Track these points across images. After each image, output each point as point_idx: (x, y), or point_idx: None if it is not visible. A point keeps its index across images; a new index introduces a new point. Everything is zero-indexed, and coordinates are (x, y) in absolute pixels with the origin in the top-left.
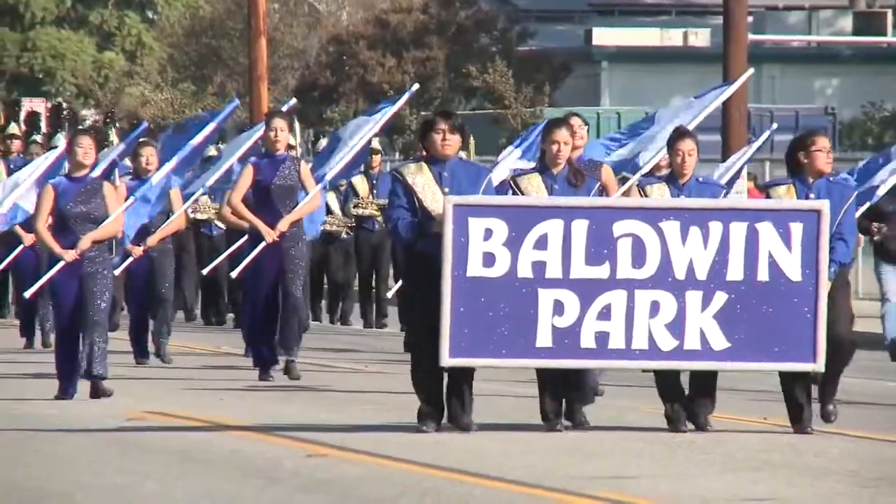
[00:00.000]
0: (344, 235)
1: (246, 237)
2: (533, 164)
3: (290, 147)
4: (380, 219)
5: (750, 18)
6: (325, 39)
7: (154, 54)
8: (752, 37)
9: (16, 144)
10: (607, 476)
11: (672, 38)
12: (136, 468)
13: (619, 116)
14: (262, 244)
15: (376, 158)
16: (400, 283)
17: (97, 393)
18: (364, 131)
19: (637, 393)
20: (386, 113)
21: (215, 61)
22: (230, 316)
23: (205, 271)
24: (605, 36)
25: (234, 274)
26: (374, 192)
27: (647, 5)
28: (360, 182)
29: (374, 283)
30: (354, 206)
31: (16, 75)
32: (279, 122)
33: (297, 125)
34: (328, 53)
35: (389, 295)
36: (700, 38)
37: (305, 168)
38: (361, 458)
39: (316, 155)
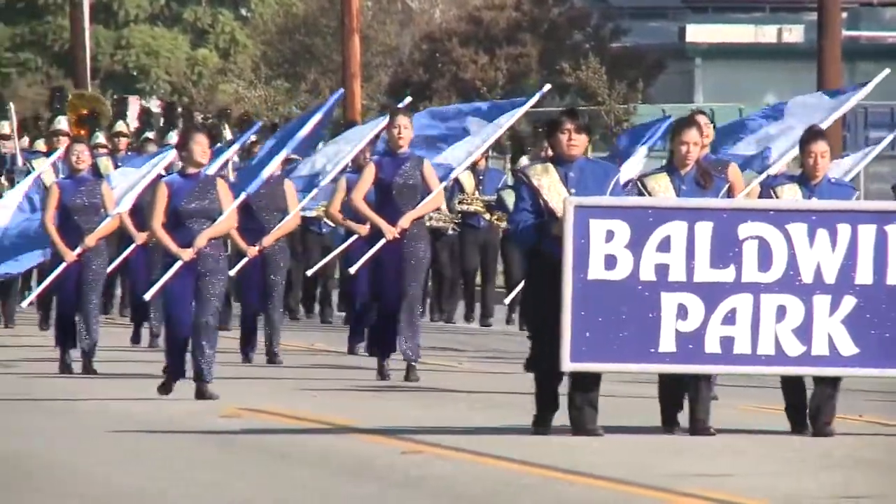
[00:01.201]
0: (450, 232)
1: (356, 236)
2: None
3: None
4: (486, 216)
5: (844, 14)
6: (418, 37)
7: (247, 52)
8: (846, 33)
9: (122, 142)
10: (702, 474)
11: (766, 34)
12: (230, 466)
13: (712, 113)
14: (382, 241)
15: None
16: (517, 289)
17: (203, 395)
18: (491, 131)
19: (730, 392)
20: (515, 113)
21: (308, 59)
22: (331, 314)
23: (310, 272)
24: (699, 32)
25: (352, 270)
26: (480, 188)
27: (741, 1)
28: (466, 178)
29: (479, 280)
30: (459, 202)
31: (110, 73)
32: (403, 120)
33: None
34: (421, 51)
35: (507, 301)
36: (794, 34)
37: (428, 166)
38: (456, 456)
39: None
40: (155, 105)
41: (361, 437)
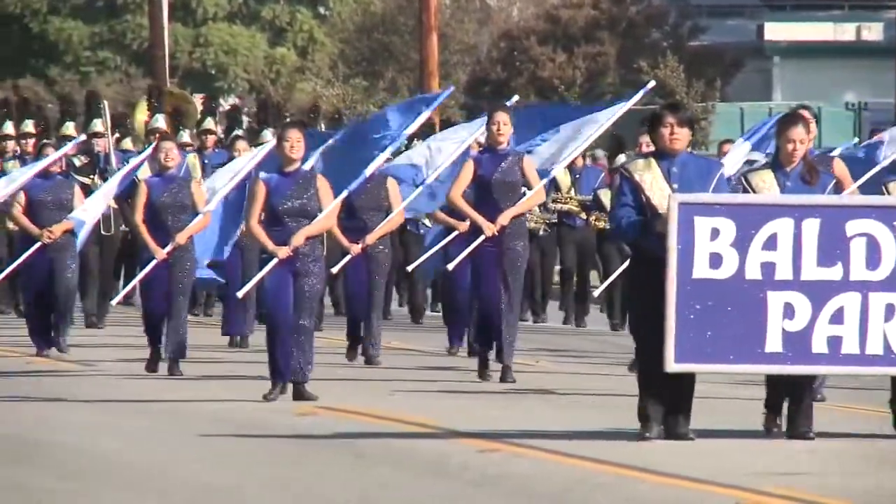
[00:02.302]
0: (541, 232)
1: (454, 234)
2: (763, 158)
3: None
4: (582, 215)
5: None
6: (496, 35)
7: (325, 50)
8: None
9: (210, 139)
10: (778, 472)
11: (845, 32)
12: (307, 464)
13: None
14: (481, 238)
15: None
16: (605, 283)
17: (301, 396)
18: (592, 129)
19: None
20: (617, 111)
21: (386, 57)
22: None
23: (410, 268)
24: (778, 30)
25: (450, 266)
26: (576, 186)
27: None
28: (562, 177)
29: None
30: (554, 201)
31: (188, 71)
32: (502, 116)
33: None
34: (499, 49)
35: (596, 294)
36: (873, 31)
37: (529, 162)
38: (532, 454)
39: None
40: (232, 103)
41: (439, 434)
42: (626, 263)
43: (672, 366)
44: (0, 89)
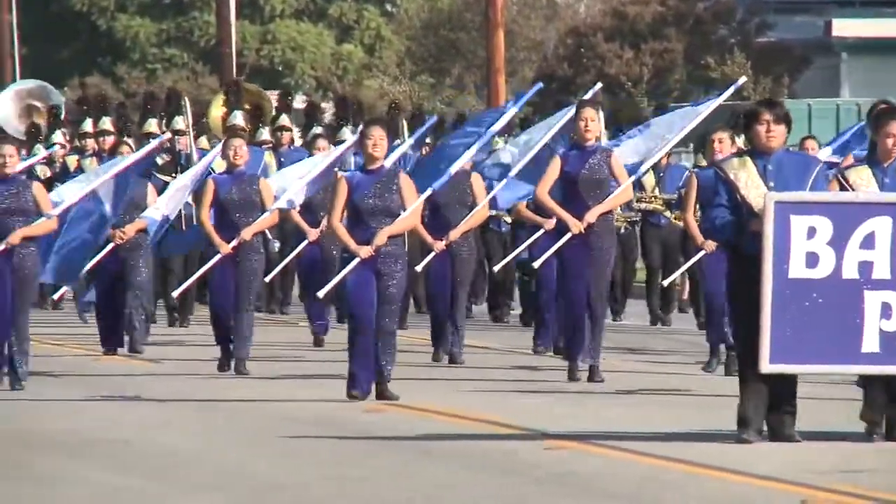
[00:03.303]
0: (622, 230)
1: (542, 231)
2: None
3: (598, 138)
4: (666, 213)
5: None
6: (563, 31)
7: (392, 47)
8: None
9: (286, 136)
10: (844, 470)
11: None
12: (373, 461)
13: (858, 108)
14: (567, 236)
15: None
16: (675, 274)
17: (384, 396)
18: (682, 126)
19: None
20: (707, 107)
21: (453, 54)
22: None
23: (496, 268)
24: (846, 27)
25: (536, 264)
26: (660, 185)
27: None
28: (646, 175)
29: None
30: (638, 200)
31: (255, 68)
32: (590, 112)
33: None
34: (566, 45)
35: (665, 283)
36: None
37: (616, 159)
38: (601, 451)
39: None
40: (300, 101)
41: (507, 431)
42: (693, 259)
43: (767, 366)
44: (68, 87)
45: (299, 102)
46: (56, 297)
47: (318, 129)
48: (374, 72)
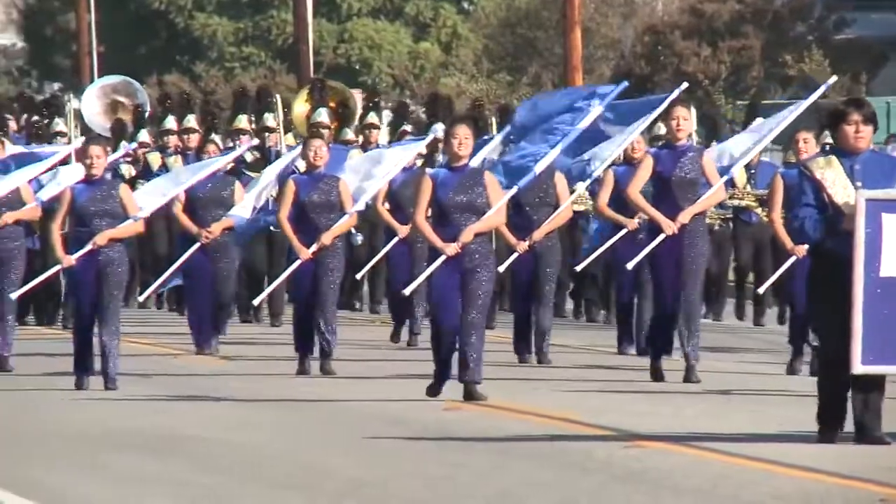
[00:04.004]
0: (716, 227)
1: (624, 231)
2: None
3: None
4: (758, 210)
5: None
6: (640, 29)
7: (469, 45)
8: None
9: (374, 135)
10: None
11: None
12: (452, 459)
13: None
14: (661, 237)
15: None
16: (769, 281)
17: (472, 396)
18: (772, 127)
19: None
20: (799, 106)
21: (530, 52)
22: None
23: (578, 267)
24: None
25: (629, 266)
26: (752, 182)
27: None
28: (737, 172)
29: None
30: (730, 197)
31: (332, 67)
32: (682, 111)
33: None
34: (643, 43)
35: (760, 291)
36: None
37: (708, 159)
38: (678, 449)
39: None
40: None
41: (583, 429)
42: (785, 266)
43: (858, 367)
44: (146, 85)
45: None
46: (142, 298)
47: (406, 127)
48: (451, 70)
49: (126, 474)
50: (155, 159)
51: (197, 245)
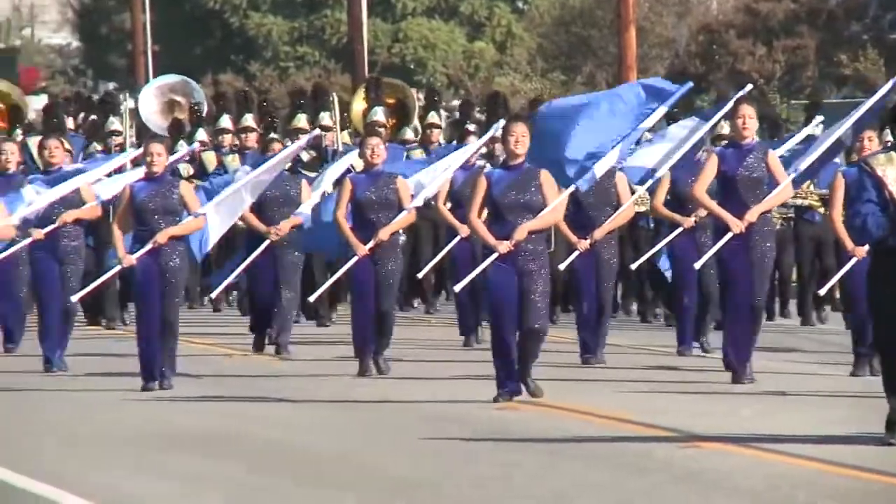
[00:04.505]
0: (778, 227)
1: (680, 230)
2: None
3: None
4: (821, 209)
5: None
6: (695, 28)
7: (524, 44)
8: None
9: (434, 134)
10: None
11: None
12: (506, 459)
13: None
14: (728, 236)
15: None
16: (831, 282)
17: (532, 394)
18: (837, 128)
19: None
20: (864, 106)
21: (585, 51)
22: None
23: (633, 266)
24: None
25: (697, 265)
26: (815, 181)
27: None
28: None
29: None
30: (794, 196)
31: (387, 66)
32: (748, 110)
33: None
34: (698, 42)
35: (822, 292)
36: None
37: (774, 157)
38: (734, 449)
39: None
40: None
41: (640, 429)
42: (846, 267)
43: None
44: (201, 84)
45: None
46: (213, 294)
47: (470, 126)
48: (505, 69)
49: (181, 474)
50: (210, 158)
51: (266, 243)
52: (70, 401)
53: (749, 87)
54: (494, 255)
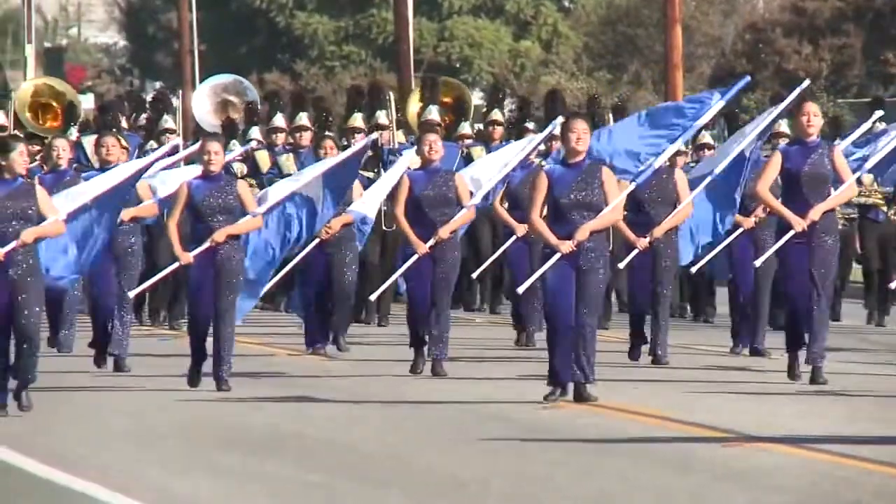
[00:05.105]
0: (840, 226)
1: (740, 230)
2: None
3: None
4: (884, 208)
5: None
6: (741, 27)
7: (570, 43)
8: None
9: (497, 131)
10: None
11: None
12: (552, 458)
13: None
14: (790, 234)
15: None
16: None
17: (581, 398)
18: None
19: None
20: None
21: (631, 50)
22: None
23: (693, 269)
24: None
25: (757, 263)
26: (878, 179)
27: None
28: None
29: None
30: (858, 195)
31: (433, 65)
32: (812, 107)
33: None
34: (744, 41)
35: (893, 285)
36: None
37: (839, 154)
38: (777, 448)
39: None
40: (477, 97)
41: (683, 428)
42: None
43: None
44: None
45: (476, 99)
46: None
47: (529, 124)
48: (551, 68)
49: (231, 472)
50: (263, 158)
51: (315, 241)
52: (121, 400)
53: (806, 82)
54: (557, 256)
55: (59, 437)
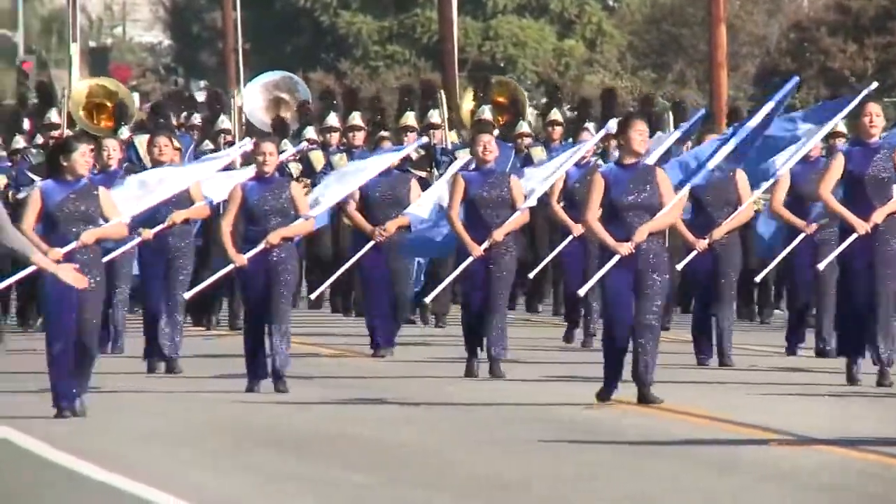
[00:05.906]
0: None
1: (802, 235)
2: None
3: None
4: None
5: None
6: (786, 26)
7: (614, 42)
8: None
9: (556, 131)
10: None
11: None
12: (596, 458)
13: None
14: (853, 237)
15: None
16: None
17: (645, 399)
18: None
19: None
20: None
21: (675, 48)
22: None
23: (757, 279)
24: None
25: (821, 266)
26: None
27: None
28: None
29: None
30: None
31: (477, 64)
32: (875, 108)
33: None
34: (789, 40)
35: None
36: None
37: None
38: (826, 449)
39: None
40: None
41: (728, 427)
42: None
43: None
44: None
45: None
46: (313, 296)
47: (587, 124)
48: (596, 67)
49: (274, 473)
50: (317, 157)
51: (371, 244)
52: (167, 401)
53: (874, 84)
54: (616, 258)
55: (103, 437)
